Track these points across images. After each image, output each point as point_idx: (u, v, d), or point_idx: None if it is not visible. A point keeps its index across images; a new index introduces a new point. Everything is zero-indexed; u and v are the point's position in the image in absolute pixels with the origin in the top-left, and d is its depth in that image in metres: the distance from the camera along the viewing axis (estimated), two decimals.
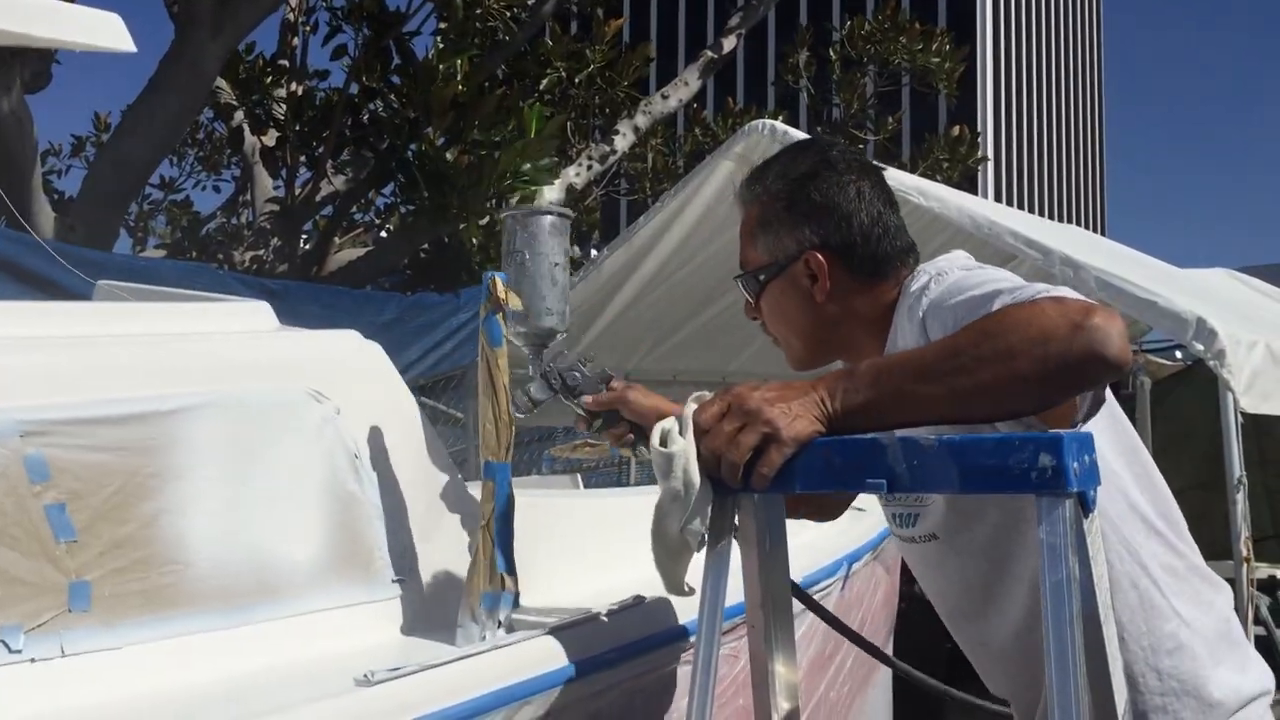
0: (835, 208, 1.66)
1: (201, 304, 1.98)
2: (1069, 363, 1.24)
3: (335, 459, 1.81)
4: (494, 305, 1.82)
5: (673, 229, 5.43)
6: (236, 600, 1.60)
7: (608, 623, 1.93)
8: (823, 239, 1.66)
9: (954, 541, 1.65)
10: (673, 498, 1.35)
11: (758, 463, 1.29)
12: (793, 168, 1.71)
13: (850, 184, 1.68)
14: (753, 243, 1.74)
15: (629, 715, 1.95)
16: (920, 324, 1.53)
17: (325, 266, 7.90)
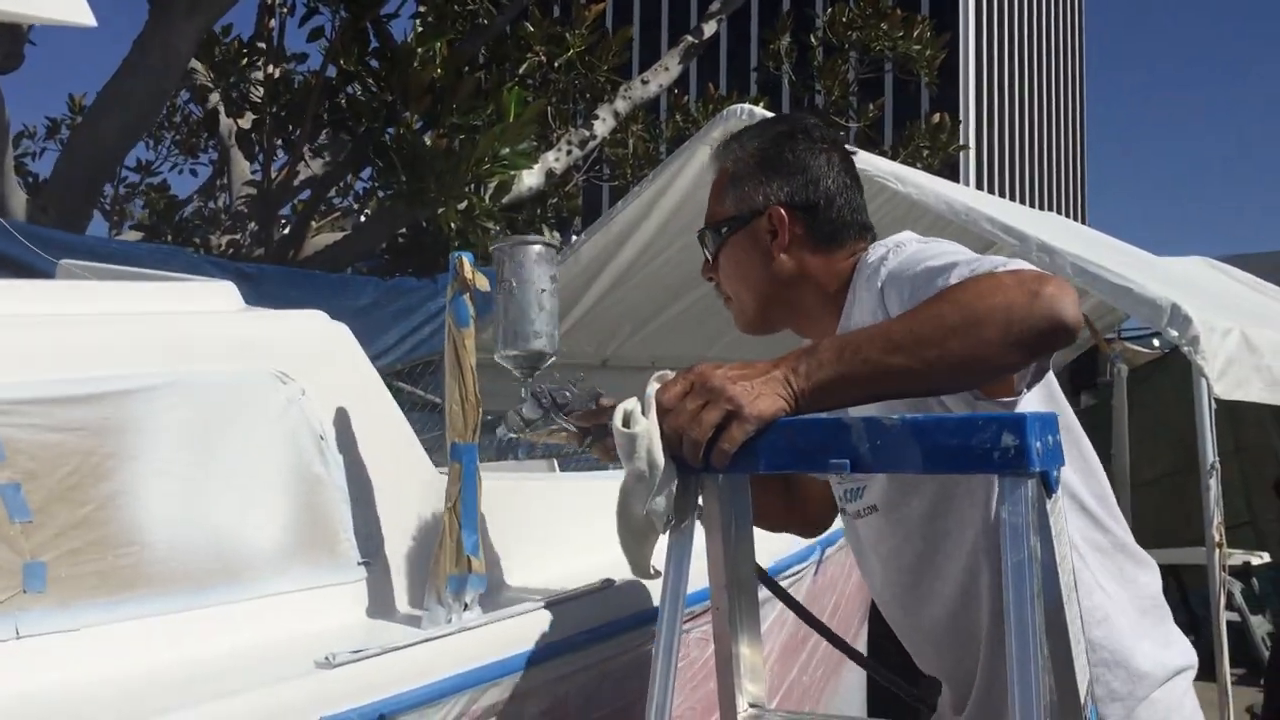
0: (806, 168, 1.72)
1: (164, 284, 1.95)
2: (1031, 328, 1.28)
3: (300, 440, 1.79)
4: (461, 286, 1.80)
5: (651, 215, 5.41)
6: (197, 582, 1.58)
7: (576, 606, 1.92)
8: (789, 195, 1.72)
9: (891, 516, 1.68)
10: (637, 478, 1.34)
11: (719, 440, 1.28)
12: (769, 129, 1.79)
13: (821, 151, 1.75)
14: (721, 199, 1.80)
15: (597, 699, 1.95)
16: (879, 293, 1.55)
17: (302, 251, 7.85)
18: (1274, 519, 8.83)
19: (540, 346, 1.86)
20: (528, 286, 1.82)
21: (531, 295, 1.82)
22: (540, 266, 1.84)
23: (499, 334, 1.87)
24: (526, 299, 1.82)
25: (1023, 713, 1.10)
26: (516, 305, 1.82)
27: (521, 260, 1.83)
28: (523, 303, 1.82)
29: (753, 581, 1.48)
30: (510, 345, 1.85)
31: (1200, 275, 7.08)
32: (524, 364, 1.88)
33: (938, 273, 1.41)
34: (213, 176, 10.85)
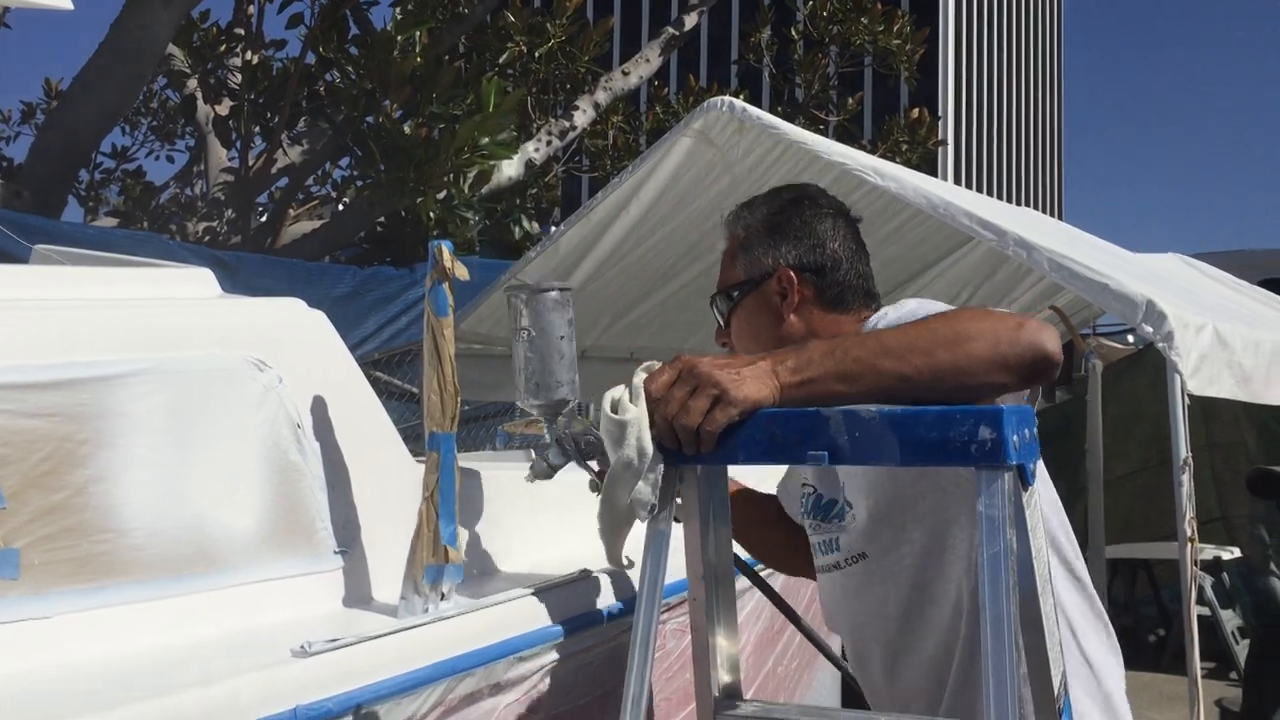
0: (813, 233, 1.81)
1: (141, 269, 1.94)
2: (1016, 352, 1.32)
3: (277, 428, 1.78)
4: (440, 275, 1.80)
5: (630, 206, 5.40)
6: (172, 570, 1.58)
7: (553, 596, 1.92)
8: (797, 258, 1.80)
9: (882, 563, 1.69)
10: (625, 465, 1.35)
11: (704, 423, 1.30)
12: (777, 197, 1.88)
13: (828, 217, 1.84)
14: (732, 265, 1.88)
15: (574, 689, 1.95)
16: None
17: (280, 239, 7.80)
18: (1245, 514, 8.91)
19: (564, 395, 1.85)
20: (548, 335, 1.81)
21: (553, 344, 1.81)
22: (558, 313, 1.84)
23: (520, 383, 1.86)
24: (548, 349, 1.81)
25: (996, 703, 1.11)
26: (538, 355, 1.81)
27: (540, 309, 1.82)
28: (544, 353, 1.81)
29: (730, 573, 1.48)
30: (534, 396, 1.85)
31: (1175, 271, 7.14)
32: (547, 412, 1.88)
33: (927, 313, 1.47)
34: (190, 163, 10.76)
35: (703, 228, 5.73)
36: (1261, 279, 9.72)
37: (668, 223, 5.60)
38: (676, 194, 5.39)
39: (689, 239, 5.79)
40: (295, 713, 1.38)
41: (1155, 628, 8.11)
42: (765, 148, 5.16)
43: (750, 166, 5.30)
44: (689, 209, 5.51)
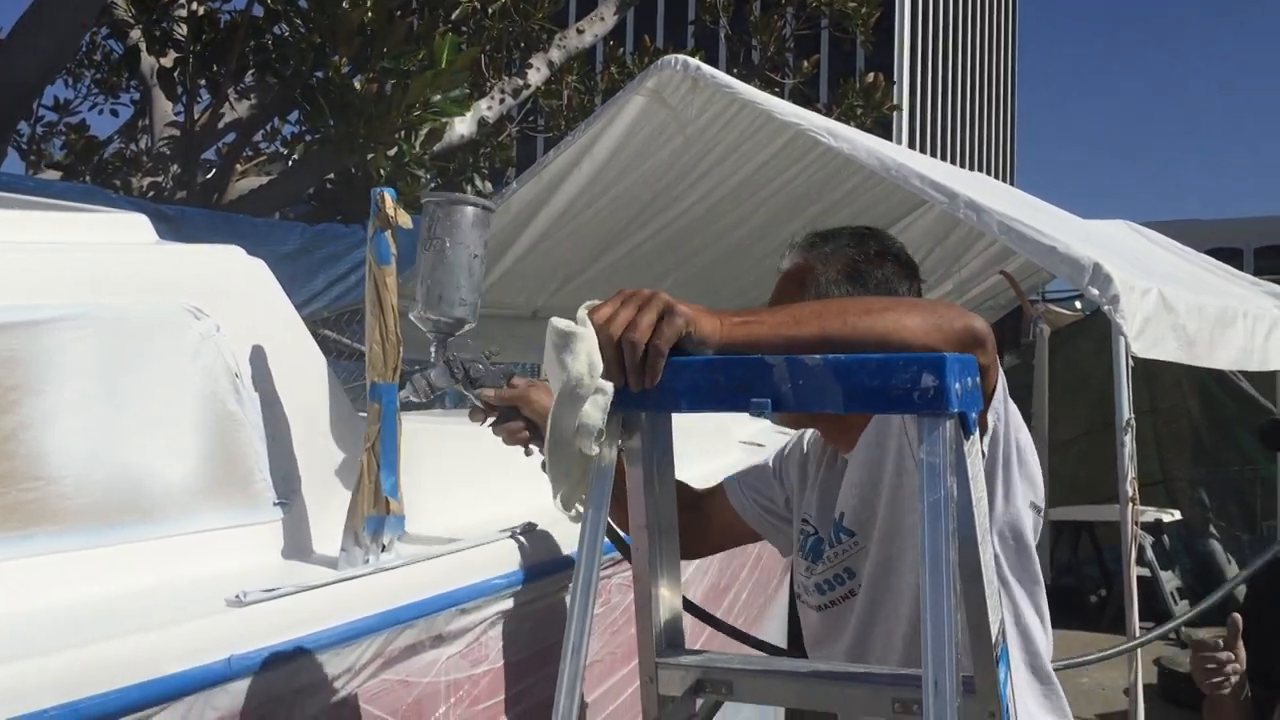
0: (891, 292, 1.77)
1: (74, 214, 1.89)
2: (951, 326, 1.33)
3: (214, 377, 1.74)
4: (382, 222, 1.77)
5: (583, 163, 5.35)
6: (104, 519, 1.54)
7: (497, 549, 1.91)
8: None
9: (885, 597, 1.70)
10: (576, 381, 1.28)
11: (653, 336, 1.27)
12: (864, 244, 1.81)
13: (905, 279, 1.80)
14: (798, 291, 1.79)
15: (516, 642, 1.94)
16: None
17: (226, 195, 7.66)
18: (1186, 478, 9.07)
19: (462, 314, 1.79)
20: (460, 250, 1.74)
21: (463, 259, 1.75)
22: (475, 230, 1.77)
23: (421, 293, 1.78)
24: (457, 262, 1.74)
25: (934, 648, 1.11)
26: (446, 268, 1.74)
27: (457, 221, 1.75)
28: (453, 266, 1.74)
29: (673, 524, 1.47)
30: (432, 308, 1.77)
31: (1122, 237, 7.20)
32: (442, 329, 1.81)
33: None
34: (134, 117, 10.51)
35: (655, 187, 5.70)
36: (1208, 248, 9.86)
37: (620, 182, 5.56)
38: (629, 153, 5.34)
39: (642, 198, 5.76)
40: (229, 662, 1.36)
41: (1097, 588, 8.26)
42: (719, 108, 5.13)
43: (703, 127, 5.27)
44: (641, 168, 5.47)
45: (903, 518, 1.66)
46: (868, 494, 1.71)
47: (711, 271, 6.71)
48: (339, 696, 1.55)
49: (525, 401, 1.86)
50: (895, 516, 1.67)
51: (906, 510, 1.65)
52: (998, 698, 1.27)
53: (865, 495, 1.71)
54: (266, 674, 1.41)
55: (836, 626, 1.78)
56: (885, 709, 1.33)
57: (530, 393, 1.86)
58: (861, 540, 1.73)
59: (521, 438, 1.89)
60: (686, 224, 6.17)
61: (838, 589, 1.77)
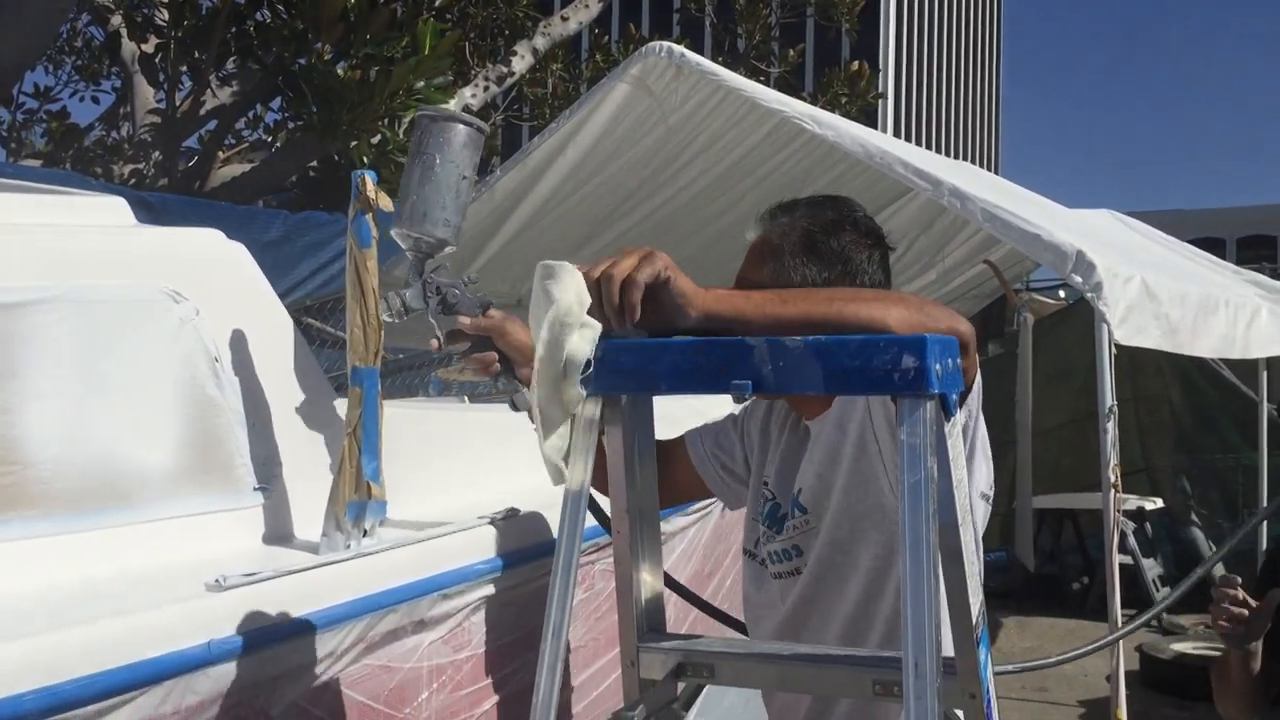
0: (847, 260, 1.77)
1: (52, 196, 1.87)
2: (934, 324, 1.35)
3: (193, 361, 1.73)
4: (363, 205, 1.76)
5: (568, 151, 5.33)
6: (83, 504, 1.53)
7: (479, 534, 1.91)
8: (826, 283, 1.76)
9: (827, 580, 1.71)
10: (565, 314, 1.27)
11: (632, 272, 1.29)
12: (821, 212, 1.81)
13: (866, 247, 1.80)
14: (759, 265, 1.80)
15: (498, 627, 1.94)
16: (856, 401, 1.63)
17: (209, 182, 7.61)
18: (1168, 466, 9.12)
19: (445, 235, 1.71)
20: (450, 168, 1.67)
21: (451, 178, 1.67)
22: (467, 151, 1.70)
23: (404, 208, 1.69)
24: (445, 180, 1.66)
25: (915, 630, 1.11)
26: (433, 184, 1.66)
27: (449, 138, 1.68)
28: (440, 183, 1.66)
29: (654, 508, 1.47)
30: (415, 225, 1.68)
31: (1106, 226, 7.21)
32: (422, 248, 1.72)
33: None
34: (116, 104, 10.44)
35: (640, 175, 5.68)
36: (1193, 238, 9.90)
37: (604, 169, 5.53)
38: (613, 141, 5.32)
39: (626, 186, 5.74)
40: (209, 647, 1.36)
41: (1079, 576, 8.30)
42: (703, 95, 5.11)
43: (688, 114, 5.25)
44: (625, 156, 5.45)
45: (858, 501, 1.67)
46: (826, 475, 1.71)
47: (696, 260, 6.69)
48: (321, 681, 1.54)
49: (501, 333, 1.77)
50: (849, 500, 1.68)
51: (862, 494, 1.66)
52: (978, 679, 1.27)
53: (823, 476, 1.72)
54: (247, 659, 1.40)
55: (779, 597, 1.80)
56: (865, 691, 1.33)
57: (506, 324, 1.79)
58: (814, 520, 1.74)
59: (493, 370, 1.81)
60: (670, 212, 6.15)
61: (784, 564, 1.78)
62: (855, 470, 1.67)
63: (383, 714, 1.65)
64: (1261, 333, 5.86)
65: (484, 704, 1.88)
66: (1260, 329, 5.86)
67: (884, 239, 1.85)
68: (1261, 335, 5.84)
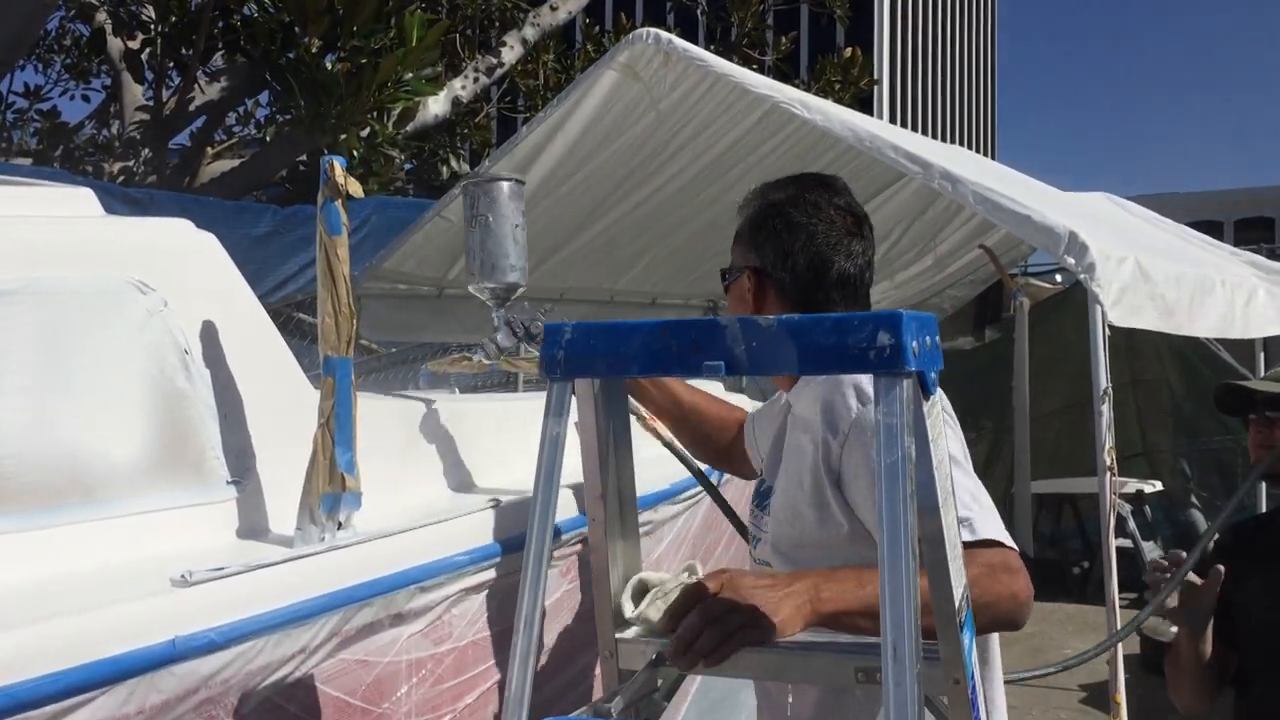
0: (780, 243, 1.82)
1: (16, 187, 1.83)
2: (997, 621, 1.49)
3: (162, 353, 1.70)
4: (332, 191, 1.72)
5: (556, 141, 5.29)
6: (48, 499, 1.49)
7: (458, 525, 1.87)
8: (762, 265, 1.83)
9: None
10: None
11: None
12: (770, 194, 1.87)
13: (803, 227, 1.81)
14: (733, 248, 1.91)
15: (479, 621, 1.90)
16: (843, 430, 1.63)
17: (198, 178, 7.57)
18: (1167, 449, 9.09)
19: (514, 279, 1.97)
20: (503, 222, 1.92)
21: (507, 230, 1.92)
22: (513, 202, 1.94)
23: (474, 266, 1.96)
24: (502, 233, 1.91)
25: (893, 614, 1.08)
26: (493, 239, 1.92)
27: (495, 196, 1.93)
28: (499, 237, 1.91)
29: (632, 493, 1.43)
30: (487, 278, 1.96)
31: (1101, 208, 7.18)
32: (499, 295, 2.00)
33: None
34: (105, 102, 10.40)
35: (630, 164, 5.65)
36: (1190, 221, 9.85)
37: (594, 159, 5.50)
38: (602, 129, 5.28)
39: (616, 175, 5.70)
40: (174, 643, 1.32)
41: (1079, 560, 8.26)
42: (692, 82, 5.08)
43: (677, 101, 5.21)
44: (615, 145, 5.41)
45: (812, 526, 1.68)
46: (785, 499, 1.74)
47: (686, 250, 6.66)
48: (294, 678, 1.51)
49: None
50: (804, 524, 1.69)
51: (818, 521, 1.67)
52: (962, 665, 1.24)
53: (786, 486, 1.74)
54: (215, 655, 1.37)
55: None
56: (848, 678, 1.29)
57: None
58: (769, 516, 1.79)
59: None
60: (661, 201, 6.12)
61: (756, 549, 1.85)
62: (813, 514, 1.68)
63: (360, 709, 1.62)
64: (1260, 312, 5.83)
65: (467, 697, 1.85)
66: (1258, 309, 5.83)
67: (840, 212, 1.85)
68: (1260, 315, 5.81)
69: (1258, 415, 2.46)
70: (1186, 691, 2.48)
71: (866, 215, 1.89)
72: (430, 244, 5.76)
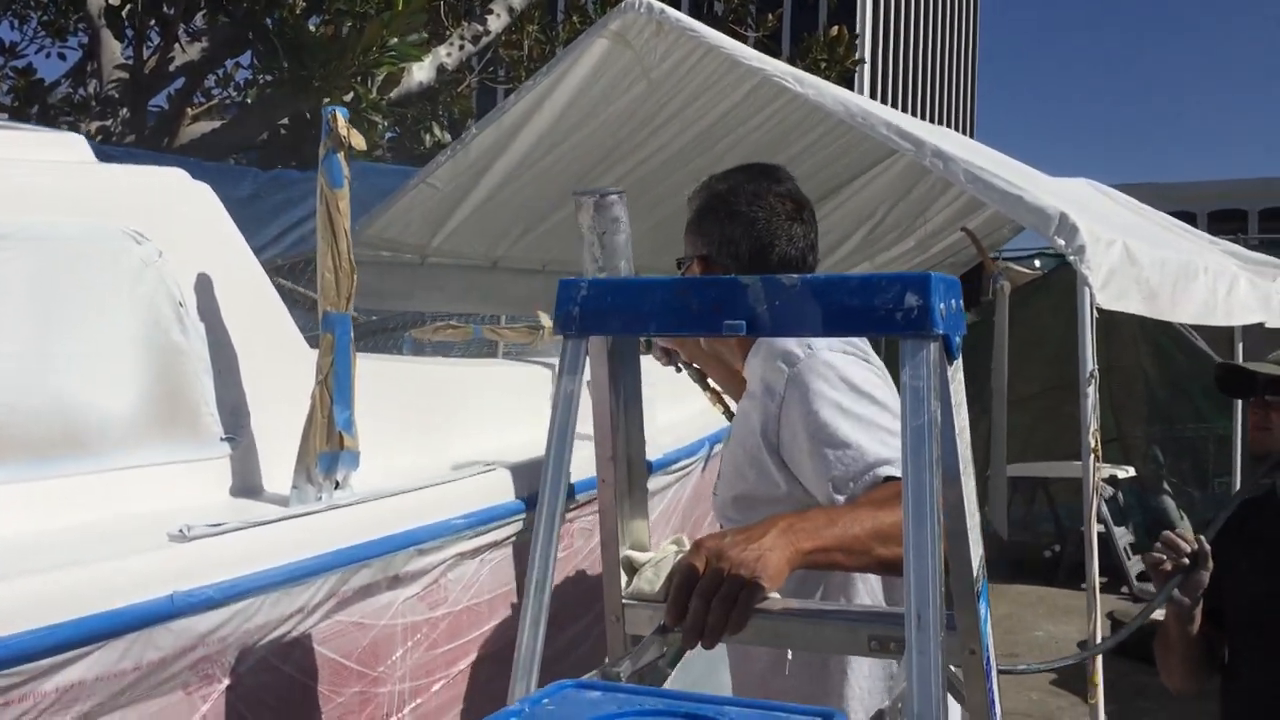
0: (723, 232, 1.90)
1: (8, 130, 1.78)
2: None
3: (156, 305, 1.65)
4: (334, 144, 1.68)
5: (544, 108, 5.22)
6: (36, 452, 1.45)
7: (457, 488, 1.84)
8: (707, 253, 1.91)
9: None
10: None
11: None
12: (715, 185, 1.96)
13: (742, 216, 1.90)
14: (685, 234, 2.00)
15: (475, 585, 1.88)
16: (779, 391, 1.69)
17: (177, 139, 7.45)
18: (1141, 435, 9.15)
19: None
20: (615, 236, 1.96)
21: (620, 243, 1.96)
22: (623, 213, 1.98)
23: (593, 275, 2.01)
24: (616, 246, 1.95)
25: (917, 581, 1.06)
26: (608, 254, 1.96)
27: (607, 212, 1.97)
28: (612, 251, 1.95)
29: (642, 456, 1.41)
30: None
31: (1084, 193, 7.18)
32: None
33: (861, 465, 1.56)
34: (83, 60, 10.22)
35: (618, 134, 5.59)
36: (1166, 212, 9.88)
37: (581, 128, 5.44)
38: (591, 99, 5.22)
39: (604, 145, 5.64)
40: (172, 599, 1.29)
41: (1051, 544, 8.32)
42: (683, 53, 5.02)
43: (667, 72, 5.15)
44: (603, 114, 5.35)
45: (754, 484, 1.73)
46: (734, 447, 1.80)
47: (674, 222, 6.61)
48: (290, 637, 1.48)
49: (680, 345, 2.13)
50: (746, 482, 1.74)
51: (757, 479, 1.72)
52: (978, 635, 1.22)
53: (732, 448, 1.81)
54: (212, 613, 1.34)
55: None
56: (861, 647, 1.28)
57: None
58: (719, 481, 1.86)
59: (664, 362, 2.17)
60: (647, 173, 6.07)
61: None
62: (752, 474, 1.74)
63: (355, 672, 1.59)
64: (1241, 300, 5.85)
65: (460, 663, 1.83)
66: (1239, 297, 5.86)
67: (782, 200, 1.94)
68: (1241, 303, 5.84)
69: (1257, 398, 2.46)
70: (1176, 672, 2.49)
71: (808, 201, 1.98)
72: (414, 211, 5.69)
